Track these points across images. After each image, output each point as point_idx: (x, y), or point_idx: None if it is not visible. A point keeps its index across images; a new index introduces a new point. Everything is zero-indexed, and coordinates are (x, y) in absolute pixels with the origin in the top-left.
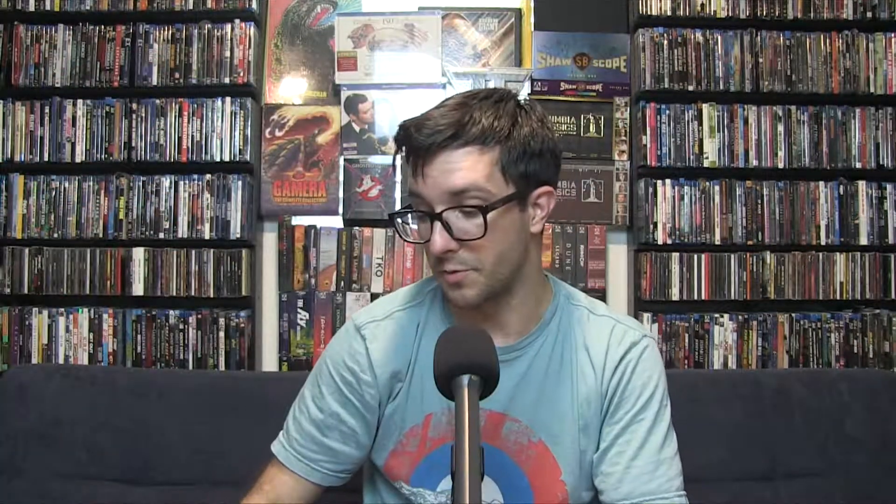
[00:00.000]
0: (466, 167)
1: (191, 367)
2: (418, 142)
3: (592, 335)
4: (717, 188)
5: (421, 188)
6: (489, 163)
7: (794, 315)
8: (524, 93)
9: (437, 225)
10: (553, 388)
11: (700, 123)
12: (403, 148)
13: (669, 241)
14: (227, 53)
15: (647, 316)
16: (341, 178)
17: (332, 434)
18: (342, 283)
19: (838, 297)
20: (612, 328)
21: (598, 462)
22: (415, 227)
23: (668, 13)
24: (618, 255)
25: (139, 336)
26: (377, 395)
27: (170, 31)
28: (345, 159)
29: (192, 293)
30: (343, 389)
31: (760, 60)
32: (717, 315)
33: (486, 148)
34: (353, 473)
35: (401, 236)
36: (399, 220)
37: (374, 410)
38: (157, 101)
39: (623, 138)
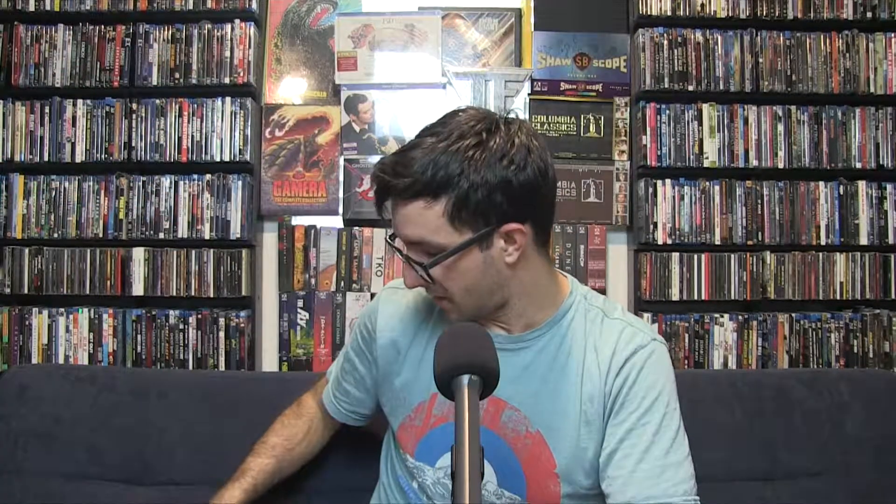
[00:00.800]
0: (416, 221)
1: (191, 367)
2: (379, 188)
3: (603, 336)
4: (717, 188)
5: (393, 226)
6: (437, 215)
7: (794, 315)
8: (524, 93)
9: (406, 265)
10: (556, 383)
11: (700, 123)
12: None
13: (669, 241)
14: (227, 53)
15: (647, 316)
16: (341, 178)
17: (348, 378)
18: (342, 283)
19: (838, 297)
20: (622, 330)
21: (605, 465)
22: None
23: (668, 13)
24: (618, 255)
25: (139, 336)
26: (375, 351)
27: (170, 31)
28: (345, 159)
29: (192, 293)
30: (359, 340)
31: (760, 60)
32: (717, 315)
33: (433, 200)
34: (369, 419)
35: (399, 256)
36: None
37: (376, 365)
38: (157, 101)
39: (623, 138)
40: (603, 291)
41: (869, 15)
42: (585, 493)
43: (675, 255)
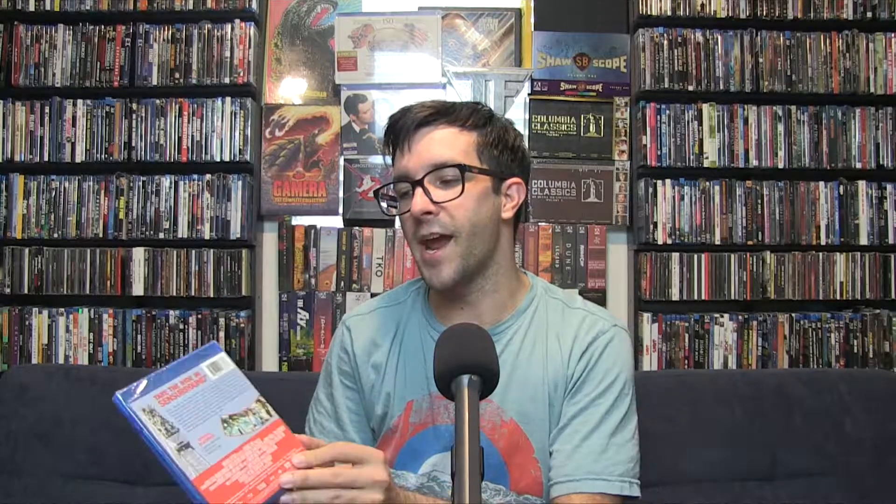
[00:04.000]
0: (447, 143)
1: None
2: (408, 120)
3: (564, 325)
4: (717, 188)
5: (406, 161)
6: (467, 143)
7: (794, 315)
8: (524, 93)
9: (419, 190)
10: (524, 371)
11: (700, 123)
12: (391, 135)
13: (669, 241)
14: (227, 53)
15: (647, 316)
16: (341, 178)
17: (348, 426)
18: (342, 283)
19: (838, 297)
20: (583, 319)
21: (553, 440)
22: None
23: (668, 13)
24: (618, 255)
25: (139, 336)
26: (359, 381)
27: (170, 31)
28: (345, 159)
29: (192, 293)
30: (346, 382)
31: (760, 60)
32: (717, 315)
33: (465, 130)
34: None
35: (383, 212)
36: (384, 205)
37: (363, 395)
38: (157, 101)
39: (623, 138)
40: (603, 291)
41: (869, 15)
42: None
43: (675, 255)
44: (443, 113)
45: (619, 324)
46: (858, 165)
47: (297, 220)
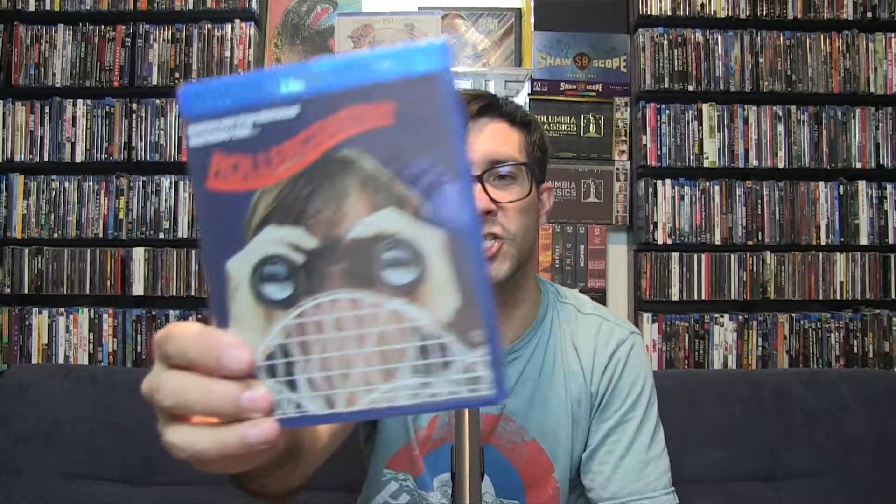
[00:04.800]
0: (503, 138)
1: None
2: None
3: (580, 334)
4: (717, 188)
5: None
6: (518, 141)
7: (794, 315)
8: (524, 93)
9: (477, 187)
10: (547, 388)
11: (700, 123)
12: None
13: (669, 241)
14: (227, 53)
15: (647, 316)
16: None
17: None
18: None
19: (838, 297)
20: (600, 326)
21: (588, 461)
22: None
23: (668, 13)
24: (618, 255)
25: (139, 336)
26: None
27: (170, 31)
28: None
29: (192, 293)
30: None
31: (760, 60)
32: (717, 315)
33: (514, 127)
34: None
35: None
36: None
37: None
38: (157, 101)
39: (623, 138)
40: (603, 291)
41: (869, 15)
42: (581, 492)
43: (675, 255)
44: (494, 105)
45: (635, 329)
46: (858, 165)
47: None
